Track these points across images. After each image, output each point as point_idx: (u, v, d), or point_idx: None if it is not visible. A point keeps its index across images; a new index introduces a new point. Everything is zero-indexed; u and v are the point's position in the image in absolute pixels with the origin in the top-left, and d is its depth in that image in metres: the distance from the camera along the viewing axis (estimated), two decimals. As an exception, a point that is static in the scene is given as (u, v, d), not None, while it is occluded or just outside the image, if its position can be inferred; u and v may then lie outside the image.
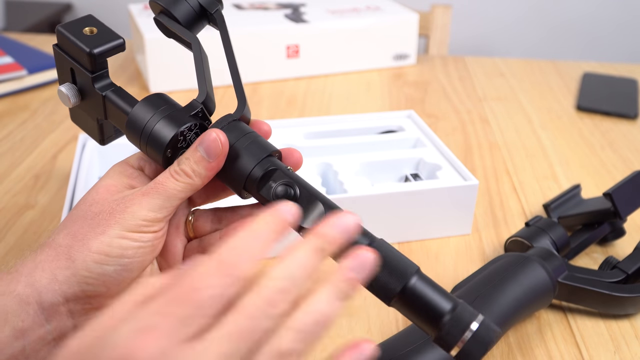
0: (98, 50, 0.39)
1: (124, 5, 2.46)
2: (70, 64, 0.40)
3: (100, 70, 0.40)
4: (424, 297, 0.35)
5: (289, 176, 0.38)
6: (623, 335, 0.51)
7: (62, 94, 0.41)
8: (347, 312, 0.53)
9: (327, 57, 1.05)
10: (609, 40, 2.32)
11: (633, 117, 0.93)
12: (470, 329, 0.34)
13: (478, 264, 0.60)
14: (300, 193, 0.38)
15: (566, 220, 0.61)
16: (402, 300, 0.36)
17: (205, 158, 0.37)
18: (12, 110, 0.91)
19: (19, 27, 2.27)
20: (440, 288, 0.36)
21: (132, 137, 0.39)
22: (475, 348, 0.34)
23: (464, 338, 0.34)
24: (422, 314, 0.35)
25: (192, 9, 0.43)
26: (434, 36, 1.35)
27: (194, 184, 0.37)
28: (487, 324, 0.35)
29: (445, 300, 0.35)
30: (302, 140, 0.70)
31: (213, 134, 0.37)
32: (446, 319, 0.35)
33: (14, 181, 0.72)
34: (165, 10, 0.42)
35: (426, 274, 0.36)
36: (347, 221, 0.30)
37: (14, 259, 0.58)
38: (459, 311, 0.35)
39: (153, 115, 0.38)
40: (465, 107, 0.96)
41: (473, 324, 0.35)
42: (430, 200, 0.61)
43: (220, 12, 0.44)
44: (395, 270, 0.36)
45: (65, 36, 0.39)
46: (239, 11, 1.08)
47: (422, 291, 0.35)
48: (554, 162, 0.80)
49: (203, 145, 0.37)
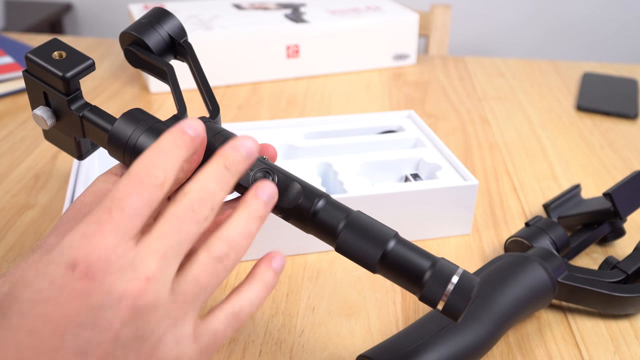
0: (70, 74, 0.41)
1: (124, 5, 2.47)
2: (43, 88, 0.42)
3: (74, 92, 0.42)
4: (403, 259, 0.38)
5: (265, 164, 0.40)
6: (623, 335, 0.51)
7: (37, 118, 0.43)
8: (347, 312, 0.53)
9: (327, 57, 1.05)
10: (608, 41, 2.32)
11: (633, 117, 0.93)
12: (451, 282, 0.37)
13: (478, 264, 0.60)
14: (278, 178, 0.40)
15: (566, 220, 0.61)
16: (384, 266, 0.38)
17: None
18: (12, 110, 0.91)
19: (19, 27, 2.27)
20: (419, 248, 0.38)
21: (114, 151, 0.41)
22: (459, 300, 0.37)
23: (446, 292, 0.37)
24: (405, 276, 0.38)
25: (163, 39, 0.46)
26: (434, 36, 1.35)
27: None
28: (467, 275, 0.37)
29: (424, 259, 0.38)
30: (302, 140, 0.70)
31: (191, 122, 0.39)
32: (427, 276, 0.37)
33: (14, 181, 0.72)
34: (138, 40, 0.45)
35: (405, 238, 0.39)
36: (245, 143, 0.35)
37: (13, 258, 0.58)
38: (439, 267, 0.37)
39: (135, 129, 0.40)
40: (465, 107, 0.96)
41: (454, 277, 0.37)
42: (430, 200, 0.61)
43: (188, 41, 0.47)
44: (374, 237, 0.38)
45: (35, 62, 0.41)
46: (239, 11, 1.08)
47: (401, 254, 0.38)
48: (554, 162, 0.80)
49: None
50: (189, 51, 0.46)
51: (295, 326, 0.51)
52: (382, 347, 0.45)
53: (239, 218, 0.34)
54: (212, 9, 1.09)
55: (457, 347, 0.44)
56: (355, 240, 0.38)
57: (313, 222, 0.39)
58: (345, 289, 0.56)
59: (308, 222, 0.39)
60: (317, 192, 0.40)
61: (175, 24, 0.46)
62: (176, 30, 0.46)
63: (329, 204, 0.39)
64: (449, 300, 0.37)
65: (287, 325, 0.52)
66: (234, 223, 0.34)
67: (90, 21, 2.60)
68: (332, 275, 0.58)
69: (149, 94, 0.97)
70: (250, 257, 0.58)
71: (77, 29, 2.62)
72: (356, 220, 0.39)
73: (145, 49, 0.45)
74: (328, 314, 0.53)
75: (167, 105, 0.93)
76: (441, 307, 0.37)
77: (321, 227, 0.39)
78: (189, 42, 0.47)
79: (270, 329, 0.51)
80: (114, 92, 0.97)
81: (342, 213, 0.39)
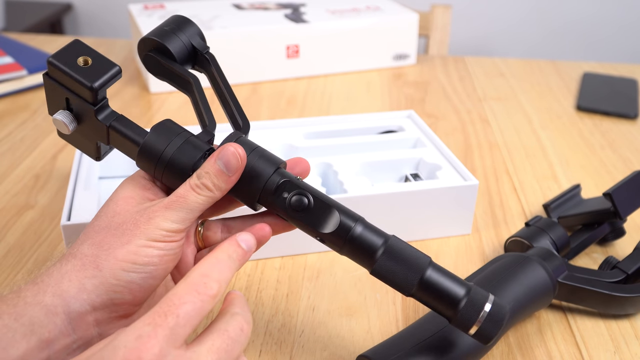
0: (98, 84, 0.39)
1: (124, 5, 2.47)
2: (65, 94, 0.40)
3: (101, 101, 0.40)
4: (440, 286, 0.40)
5: (300, 186, 0.40)
6: (623, 335, 0.51)
7: (58, 122, 0.41)
8: (347, 312, 0.53)
9: (327, 57, 1.05)
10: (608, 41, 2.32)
11: (633, 117, 0.93)
12: (484, 310, 0.39)
13: (478, 264, 0.60)
14: (313, 201, 0.40)
15: (566, 220, 0.61)
16: (420, 291, 0.40)
17: (225, 172, 0.38)
18: (12, 110, 0.91)
19: (19, 27, 2.27)
20: (452, 275, 0.41)
21: (145, 164, 0.40)
22: (491, 326, 0.39)
23: (480, 318, 0.39)
24: (440, 301, 0.40)
25: (185, 48, 0.44)
26: (434, 36, 1.35)
27: (214, 196, 0.39)
28: (498, 303, 0.40)
29: (458, 286, 0.40)
30: (302, 140, 0.70)
31: (231, 148, 0.38)
32: (462, 303, 0.39)
33: (14, 181, 0.72)
34: (161, 46, 0.43)
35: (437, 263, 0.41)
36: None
37: (14, 258, 0.58)
38: (473, 295, 0.40)
39: (169, 144, 0.40)
40: (465, 107, 0.96)
41: (486, 305, 0.39)
42: (430, 200, 0.61)
43: (210, 52, 0.45)
44: (412, 264, 0.40)
45: (59, 68, 0.39)
46: (239, 11, 1.08)
47: (437, 281, 0.40)
48: (554, 162, 0.80)
49: (222, 160, 0.38)
50: (212, 63, 0.44)
51: (295, 326, 0.51)
52: (382, 347, 0.45)
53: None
54: (212, 9, 1.09)
55: (457, 347, 0.44)
56: (394, 266, 0.40)
57: (351, 247, 0.40)
58: (345, 289, 0.56)
59: (345, 247, 0.40)
60: (354, 215, 0.40)
61: (197, 33, 0.44)
62: (198, 40, 0.44)
63: (366, 228, 0.40)
64: (482, 325, 0.39)
65: (287, 325, 0.52)
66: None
67: (90, 21, 2.60)
68: (332, 275, 0.58)
69: (149, 94, 0.97)
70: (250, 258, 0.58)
71: (77, 29, 2.62)
72: (394, 247, 0.40)
73: (168, 56, 0.43)
74: (328, 314, 0.53)
75: (167, 106, 0.93)
76: (473, 332, 0.40)
77: (358, 252, 0.40)
78: (212, 53, 0.45)
79: (270, 329, 0.51)
80: (114, 92, 0.97)
81: (379, 238, 0.40)
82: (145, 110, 0.92)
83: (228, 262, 0.34)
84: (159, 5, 1.11)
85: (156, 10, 1.07)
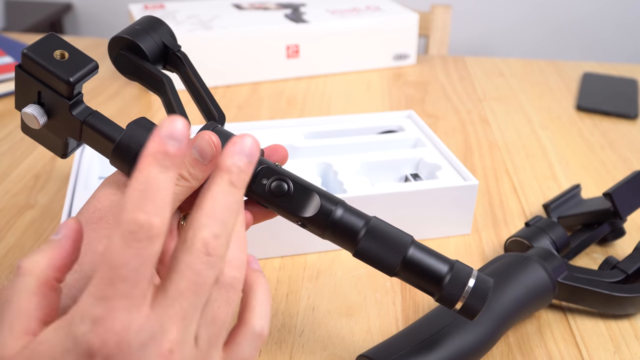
0: (75, 78, 0.38)
1: (124, 5, 2.47)
2: (39, 87, 0.39)
3: (76, 96, 0.39)
4: (423, 264, 0.40)
5: (279, 172, 0.40)
6: (623, 335, 0.51)
7: (28, 116, 0.40)
8: (347, 312, 0.53)
9: (327, 57, 1.05)
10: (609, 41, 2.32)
11: (633, 117, 0.93)
12: (468, 285, 0.40)
13: (478, 264, 0.60)
14: (293, 186, 0.40)
15: (566, 220, 0.61)
16: (404, 271, 0.40)
17: (200, 161, 0.37)
18: (12, 110, 0.91)
19: (19, 27, 2.28)
20: (435, 252, 0.41)
21: (119, 161, 0.39)
22: (475, 301, 0.40)
23: (464, 294, 0.39)
24: (424, 279, 0.40)
25: (157, 47, 0.43)
26: (434, 36, 1.35)
27: (192, 186, 0.38)
28: (482, 277, 0.40)
29: (441, 263, 0.40)
30: (302, 140, 0.70)
31: (205, 137, 0.37)
32: (446, 280, 0.39)
33: (14, 181, 0.72)
34: (133, 45, 0.42)
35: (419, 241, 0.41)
36: (247, 144, 0.32)
37: (14, 258, 0.58)
38: (456, 270, 0.40)
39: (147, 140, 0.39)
40: (465, 107, 0.96)
41: (470, 280, 0.40)
42: (430, 200, 0.61)
43: (182, 50, 0.45)
44: (394, 244, 0.40)
45: (34, 61, 0.38)
46: (239, 11, 1.08)
47: (420, 259, 0.40)
48: (554, 162, 0.80)
49: (197, 148, 0.37)
50: (185, 61, 0.44)
51: (295, 326, 0.51)
52: (382, 347, 0.45)
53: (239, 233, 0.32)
54: (212, 9, 1.09)
55: (457, 347, 0.44)
56: (376, 247, 0.40)
57: (332, 230, 0.40)
58: (345, 289, 0.56)
59: (327, 230, 0.40)
60: (334, 199, 0.40)
61: (168, 32, 0.44)
62: (170, 39, 0.44)
63: (347, 211, 0.40)
64: (467, 301, 0.40)
65: (287, 325, 0.52)
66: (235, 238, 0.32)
67: (90, 21, 2.61)
68: (332, 275, 0.58)
69: (148, 94, 0.97)
70: (250, 257, 0.58)
71: (77, 29, 2.62)
72: (375, 228, 0.40)
73: (140, 55, 0.43)
74: (328, 313, 0.53)
75: (167, 105, 0.93)
76: (459, 307, 0.40)
77: (340, 235, 0.40)
78: (184, 52, 0.45)
79: (270, 329, 0.51)
80: (114, 93, 0.97)
81: (360, 220, 0.40)
82: (145, 110, 0.92)
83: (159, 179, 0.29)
84: (159, 5, 1.11)
85: (156, 10, 1.07)
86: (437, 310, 0.48)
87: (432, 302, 0.55)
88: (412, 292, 0.56)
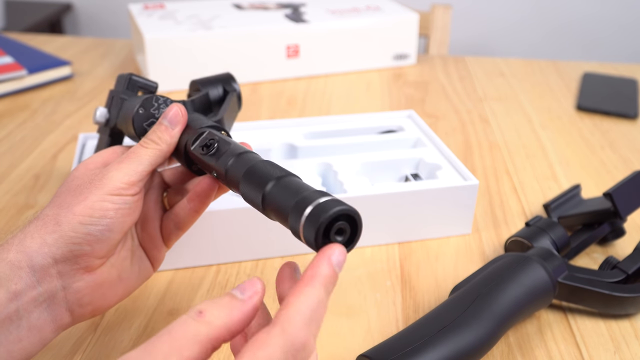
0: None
1: (124, 5, 2.47)
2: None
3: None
4: (277, 198, 0.37)
5: (212, 133, 0.44)
6: (623, 335, 0.51)
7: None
8: (347, 312, 0.53)
9: (327, 57, 1.05)
10: (608, 41, 2.32)
11: (633, 117, 0.93)
12: (304, 213, 0.35)
13: (478, 264, 0.60)
14: (219, 145, 0.43)
15: (566, 220, 0.61)
16: (267, 208, 0.38)
17: (169, 126, 0.44)
18: (12, 110, 0.91)
19: (19, 27, 2.28)
20: (298, 186, 0.37)
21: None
22: (308, 227, 0.34)
23: (303, 223, 0.35)
24: (280, 215, 0.37)
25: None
26: (434, 36, 1.35)
27: (161, 149, 0.44)
28: (321, 205, 0.34)
29: (292, 197, 0.36)
30: (302, 140, 0.70)
31: (175, 107, 0.45)
32: (291, 212, 0.36)
33: (14, 181, 0.72)
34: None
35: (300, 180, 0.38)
36: (339, 258, 0.34)
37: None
38: (298, 202, 0.35)
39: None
40: (465, 107, 0.96)
41: (308, 208, 0.35)
42: (430, 200, 0.61)
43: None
44: (258, 181, 0.39)
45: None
46: (239, 11, 1.08)
47: (276, 194, 0.37)
48: (554, 162, 0.80)
49: (167, 117, 0.45)
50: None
51: (295, 326, 0.51)
52: (382, 347, 0.45)
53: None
54: (212, 9, 1.09)
55: (457, 347, 0.44)
56: (245, 186, 0.40)
57: (226, 180, 0.42)
58: (345, 289, 0.56)
59: (222, 179, 0.42)
60: (258, 156, 0.42)
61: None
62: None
63: (266, 162, 0.40)
64: (304, 229, 0.35)
65: (287, 325, 0.51)
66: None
67: (90, 21, 2.61)
68: (332, 275, 0.58)
69: (149, 94, 0.97)
70: (249, 258, 0.58)
71: (77, 29, 2.62)
72: (252, 168, 0.40)
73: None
74: (328, 314, 0.53)
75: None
76: (303, 238, 0.36)
77: (230, 181, 0.41)
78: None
79: (270, 329, 0.51)
80: (114, 92, 0.97)
81: (245, 166, 0.40)
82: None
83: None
84: (159, 5, 1.11)
85: (156, 10, 1.07)
86: (437, 310, 0.48)
87: (432, 302, 0.55)
88: (412, 292, 0.56)
